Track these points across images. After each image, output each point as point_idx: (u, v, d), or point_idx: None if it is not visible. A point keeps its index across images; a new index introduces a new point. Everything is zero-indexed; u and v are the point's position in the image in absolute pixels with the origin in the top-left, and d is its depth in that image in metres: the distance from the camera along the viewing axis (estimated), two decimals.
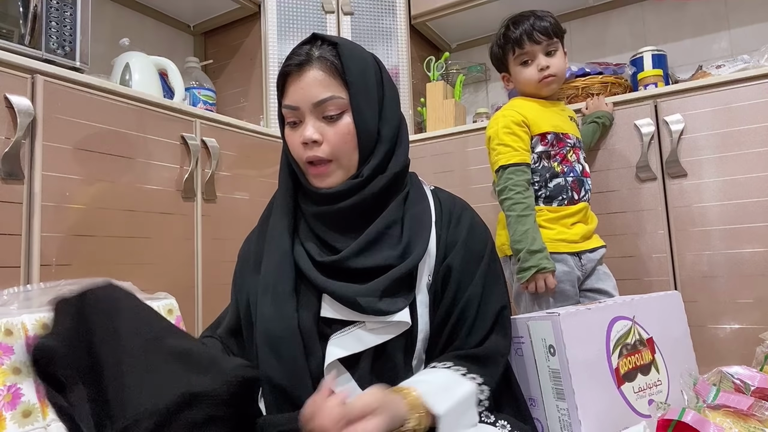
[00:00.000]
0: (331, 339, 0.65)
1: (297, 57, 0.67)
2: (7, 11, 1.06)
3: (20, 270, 0.96)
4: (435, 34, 2.14)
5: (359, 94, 0.67)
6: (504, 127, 1.14)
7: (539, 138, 1.16)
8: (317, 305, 0.66)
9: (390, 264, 0.65)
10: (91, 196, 1.08)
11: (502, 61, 1.23)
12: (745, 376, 0.53)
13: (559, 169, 1.16)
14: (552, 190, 1.15)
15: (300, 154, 0.68)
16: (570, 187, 1.15)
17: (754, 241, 1.20)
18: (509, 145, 1.13)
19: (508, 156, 1.13)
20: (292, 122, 0.69)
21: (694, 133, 1.28)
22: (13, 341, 0.74)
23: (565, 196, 1.15)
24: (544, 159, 1.16)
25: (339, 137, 0.66)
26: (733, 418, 0.44)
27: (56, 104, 1.03)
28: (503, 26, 1.21)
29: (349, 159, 0.68)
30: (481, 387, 0.63)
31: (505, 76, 1.25)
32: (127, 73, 1.37)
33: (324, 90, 0.66)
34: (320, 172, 0.67)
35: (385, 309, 0.63)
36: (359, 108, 0.66)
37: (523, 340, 0.75)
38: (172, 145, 1.26)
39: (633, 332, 0.77)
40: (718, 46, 1.73)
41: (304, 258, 0.67)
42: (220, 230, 1.36)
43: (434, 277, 0.69)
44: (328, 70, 0.66)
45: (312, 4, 1.81)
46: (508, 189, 1.11)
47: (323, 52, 0.67)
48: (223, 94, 1.89)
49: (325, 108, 0.66)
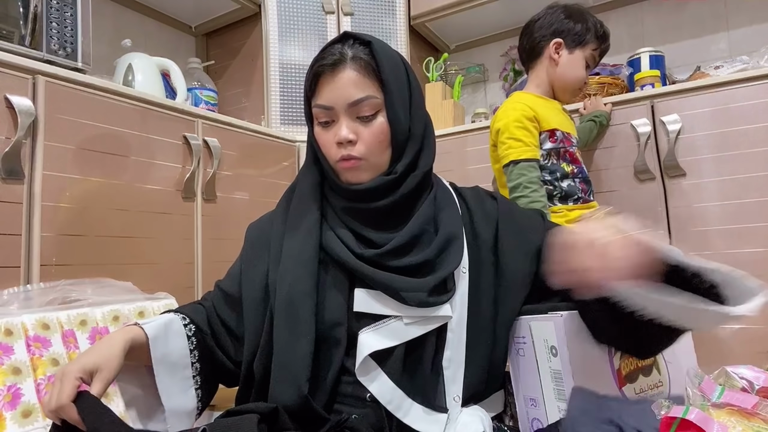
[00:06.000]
0: (362, 332, 0.64)
1: (330, 56, 0.66)
2: (7, 12, 1.05)
3: (20, 270, 0.96)
4: (434, 34, 2.14)
5: (393, 93, 0.66)
6: (515, 121, 1.11)
7: (548, 134, 1.14)
8: (348, 294, 0.66)
9: (428, 260, 0.65)
10: (91, 196, 1.08)
11: (576, 36, 1.17)
12: (750, 376, 0.53)
13: (569, 170, 1.15)
14: (565, 189, 1.14)
15: (333, 153, 0.68)
16: (579, 187, 1.15)
17: (754, 241, 1.20)
18: (520, 139, 1.10)
19: (519, 151, 1.10)
20: (324, 122, 0.68)
21: (692, 134, 1.29)
22: (13, 341, 0.74)
23: (580, 196, 1.14)
24: (553, 156, 1.14)
25: (373, 137, 0.66)
26: (738, 417, 0.44)
27: (58, 105, 1.03)
28: (599, 23, 1.19)
29: (381, 157, 0.68)
30: None
31: (560, 43, 1.18)
32: (130, 73, 1.37)
33: (359, 90, 0.65)
34: (352, 165, 0.67)
35: (432, 302, 0.63)
36: (393, 107, 0.66)
37: (525, 340, 0.75)
38: (174, 145, 1.26)
39: None
40: (717, 47, 1.74)
41: (339, 245, 0.67)
42: (220, 230, 1.36)
43: (471, 257, 0.70)
44: (362, 69, 0.66)
45: (312, 5, 1.81)
46: (523, 186, 1.07)
47: (357, 51, 0.67)
48: (225, 95, 1.89)
49: (360, 108, 0.66)
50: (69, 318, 0.82)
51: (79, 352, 0.80)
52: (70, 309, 0.84)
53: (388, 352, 0.64)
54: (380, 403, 0.62)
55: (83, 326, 0.83)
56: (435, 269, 0.65)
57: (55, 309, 0.82)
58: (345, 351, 0.65)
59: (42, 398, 0.64)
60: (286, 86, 1.77)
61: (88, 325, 0.84)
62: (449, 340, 0.66)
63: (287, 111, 1.77)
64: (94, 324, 0.85)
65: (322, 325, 0.65)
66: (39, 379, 0.73)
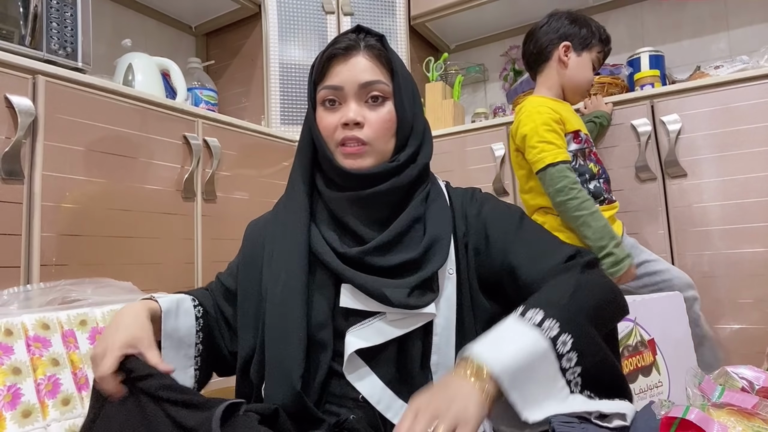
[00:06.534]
0: (349, 331, 0.64)
1: (344, 41, 0.68)
2: (7, 12, 1.05)
3: (20, 270, 0.96)
4: (434, 34, 2.14)
5: (401, 84, 0.68)
6: (544, 124, 1.11)
7: (572, 136, 1.15)
8: (334, 295, 0.66)
9: (412, 259, 0.65)
10: (91, 196, 1.08)
11: (582, 40, 1.20)
12: (750, 376, 0.53)
13: (596, 170, 1.16)
14: (593, 190, 1.14)
15: (336, 135, 0.68)
16: (603, 188, 1.16)
17: (754, 241, 1.20)
18: (552, 142, 1.10)
19: (553, 154, 1.09)
20: (330, 100, 0.69)
21: (692, 133, 1.29)
22: (13, 341, 0.74)
23: (605, 197, 1.15)
24: (579, 158, 1.15)
25: (381, 123, 0.67)
26: (737, 417, 0.44)
27: (58, 104, 1.03)
28: (601, 28, 1.23)
29: (385, 145, 0.68)
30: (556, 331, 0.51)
31: (569, 47, 1.20)
32: (130, 73, 1.37)
33: (371, 74, 0.67)
34: (355, 151, 0.67)
35: (413, 303, 0.63)
36: (401, 97, 0.68)
37: None
38: (174, 145, 1.26)
39: (635, 333, 0.77)
40: (717, 46, 1.73)
41: (323, 246, 0.67)
42: (220, 230, 1.36)
43: (459, 260, 0.69)
44: (375, 58, 0.68)
45: (312, 5, 1.81)
46: (569, 188, 1.06)
47: (370, 41, 0.69)
48: (225, 95, 1.89)
49: (370, 90, 0.67)
50: (69, 318, 0.82)
51: (79, 353, 0.79)
52: (70, 309, 0.84)
53: (378, 352, 0.64)
54: None
55: (83, 326, 0.83)
56: (419, 269, 0.65)
57: (55, 309, 0.82)
58: (333, 351, 0.65)
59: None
60: (286, 86, 1.77)
61: (88, 325, 0.84)
62: (435, 344, 0.65)
63: (287, 111, 1.77)
64: (94, 324, 0.85)
65: (310, 325, 0.65)
66: (39, 379, 0.73)
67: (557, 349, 0.49)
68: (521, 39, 1.31)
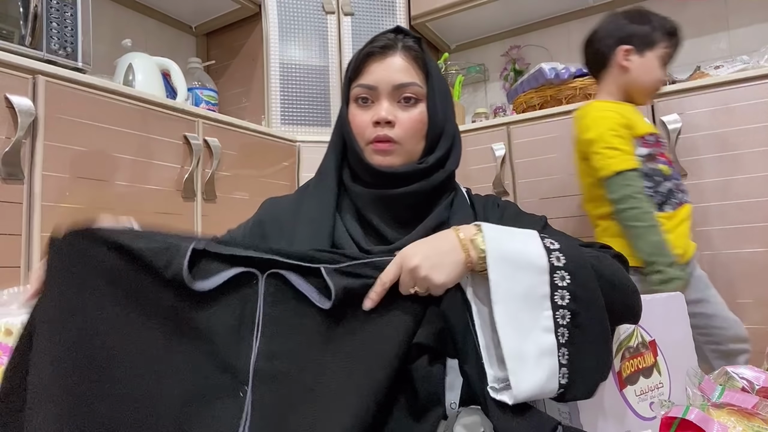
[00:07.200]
0: None
1: (382, 40, 0.69)
2: (7, 12, 1.05)
3: (20, 270, 0.96)
4: (434, 34, 2.14)
5: (436, 87, 0.69)
6: (610, 130, 1.06)
7: (639, 140, 1.08)
8: None
9: None
10: (91, 196, 1.08)
11: (643, 38, 1.12)
12: (750, 376, 0.53)
13: (668, 173, 1.10)
14: (664, 194, 1.08)
15: (368, 133, 0.68)
16: (676, 189, 1.09)
17: (754, 241, 1.20)
18: (618, 148, 1.05)
19: (620, 160, 1.04)
20: (363, 98, 0.69)
21: (692, 133, 1.29)
22: (13, 341, 0.74)
23: (676, 199, 1.08)
24: (649, 161, 1.08)
25: (412, 123, 0.68)
26: (737, 417, 0.44)
27: (58, 104, 1.03)
28: (664, 19, 1.15)
29: (414, 146, 0.69)
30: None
31: (630, 50, 1.12)
32: (130, 73, 1.37)
33: (406, 75, 0.68)
34: (385, 148, 0.67)
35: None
36: (434, 100, 0.69)
37: None
38: (175, 145, 1.26)
39: (636, 335, 0.76)
40: (717, 46, 1.73)
41: (348, 240, 0.67)
42: (220, 230, 1.35)
43: None
44: (411, 59, 0.68)
45: (312, 5, 1.81)
46: (631, 198, 1.02)
47: (408, 42, 0.69)
48: (225, 95, 1.89)
49: (404, 91, 0.68)
50: None
51: None
52: None
53: None
54: None
55: None
56: None
57: None
58: None
59: None
60: (286, 86, 1.77)
61: None
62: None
63: (287, 111, 1.77)
64: None
65: None
66: None
67: (554, 279, 0.50)
68: (521, 39, 1.31)
